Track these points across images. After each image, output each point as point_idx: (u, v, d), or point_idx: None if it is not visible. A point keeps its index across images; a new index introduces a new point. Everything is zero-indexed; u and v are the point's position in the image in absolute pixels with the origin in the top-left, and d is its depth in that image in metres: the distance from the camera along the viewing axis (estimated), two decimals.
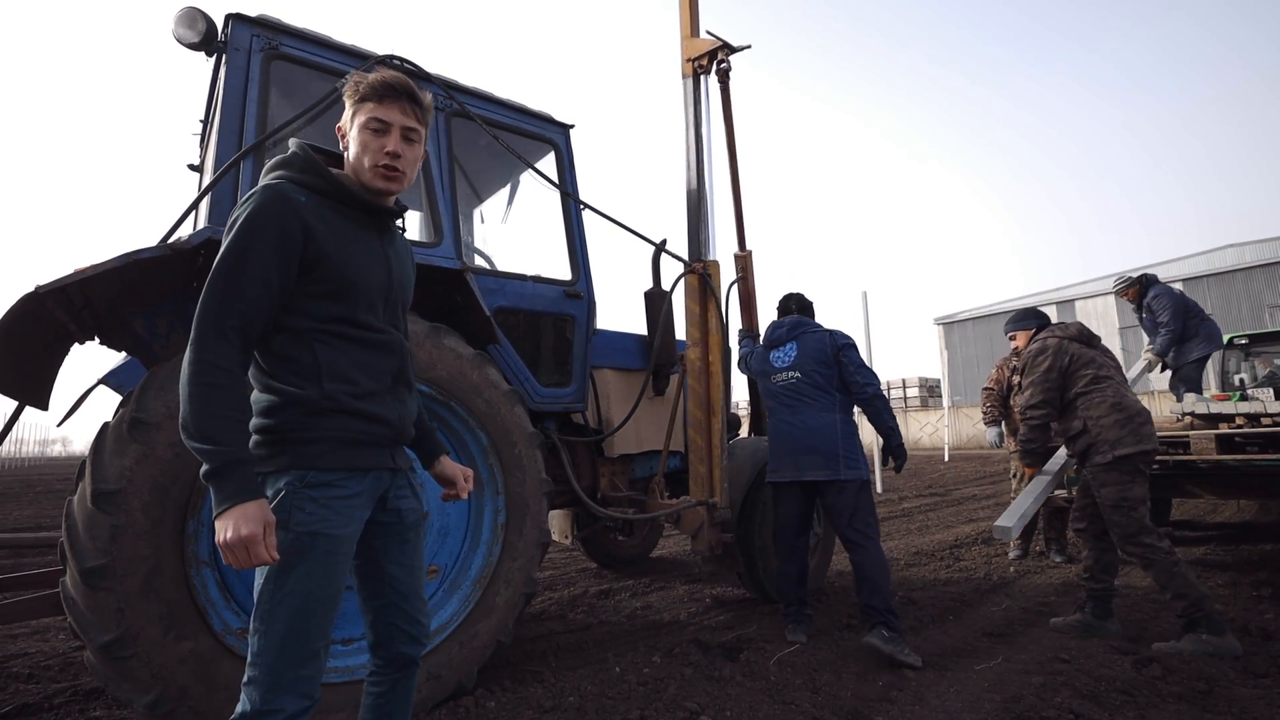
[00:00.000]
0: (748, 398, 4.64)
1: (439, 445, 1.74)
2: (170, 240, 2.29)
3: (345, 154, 1.49)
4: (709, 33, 3.68)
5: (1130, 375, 5.81)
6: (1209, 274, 23.78)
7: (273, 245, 1.31)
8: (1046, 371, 3.35)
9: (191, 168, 3.66)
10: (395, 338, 1.51)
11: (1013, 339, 3.93)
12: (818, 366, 3.35)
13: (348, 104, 1.46)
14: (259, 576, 1.32)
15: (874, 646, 2.92)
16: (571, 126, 3.66)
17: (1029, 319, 3.85)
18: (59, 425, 2.69)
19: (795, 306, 3.68)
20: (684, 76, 3.75)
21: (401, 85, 1.44)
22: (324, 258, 1.36)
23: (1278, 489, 4.17)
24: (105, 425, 2.06)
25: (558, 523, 4.46)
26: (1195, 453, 4.14)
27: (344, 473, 1.38)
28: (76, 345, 2.61)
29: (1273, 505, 6.94)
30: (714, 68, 3.71)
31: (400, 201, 1.55)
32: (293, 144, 1.46)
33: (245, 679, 1.29)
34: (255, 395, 1.38)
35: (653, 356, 3.87)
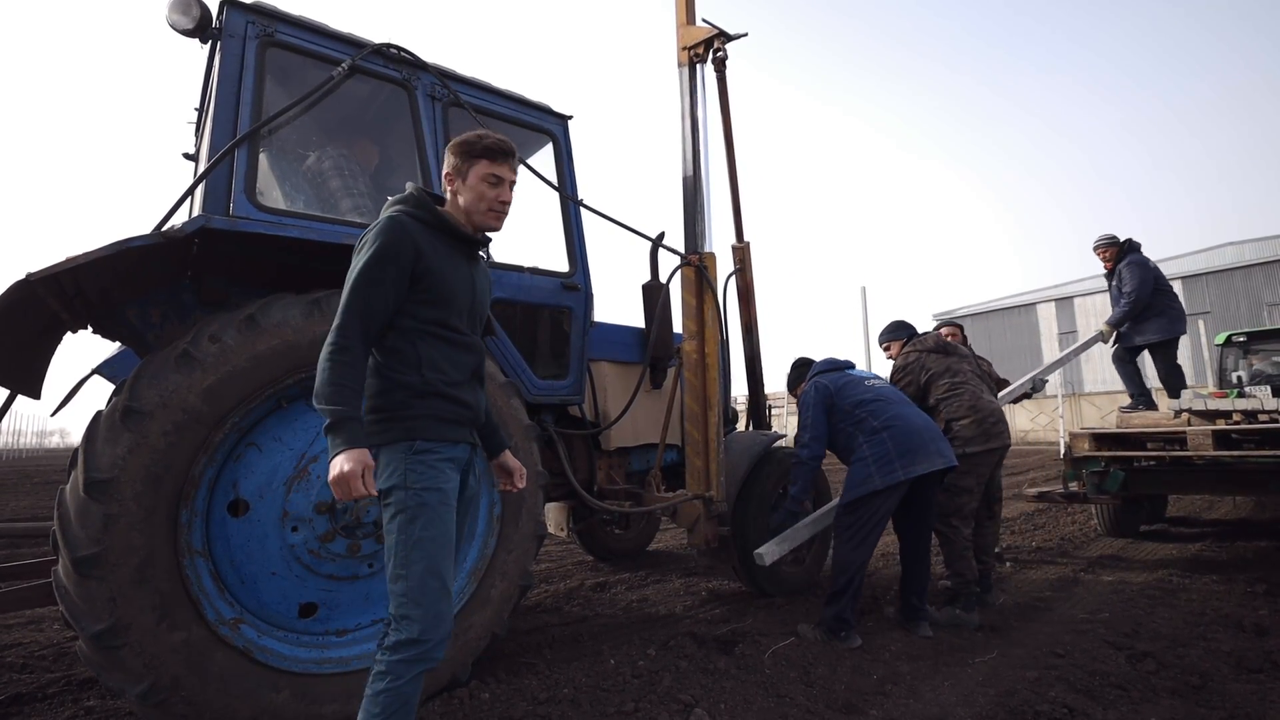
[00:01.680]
0: (746, 392, 4.63)
1: (503, 440, 2.11)
2: (164, 229, 2.27)
3: (453, 197, 1.85)
4: (705, 21, 3.64)
5: (1073, 348, 5.63)
6: (1208, 272, 23.77)
7: (395, 263, 1.68)
8: (905, 387, 3.80)
9: (187, 156, 3.64)
10: (476, 341, 1.88)
11: (887, 349, 4.18)
12: (889, 382, 3.67)
13: (458, 158, 1.82)
14: (389, 536, 1.65)
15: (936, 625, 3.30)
16: (570, 118, 3.64)
17: (900, 331, 4.14)
18: (53, 415, 2.69)
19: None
20: (680, 65, 3.72)
21: (508, 147, 1.84)
22: (429, 273, 1.73)
23: (1273, 486, 4.18)
24: (98, 414, 2.04)
25: (554, 515, 4.46)
26: (1192, 449, 4.14)
27: (439, 442, 1.72)
28: (69, 334, 2.60)
29: (1268, 502, 6.97)
30: (710, 56, 3.68)
31: (485, 235, 1.90)
32: (410, 186, 1.85)
33: (395, 617, 1.61)
34: (370, 381, 1.72)
35: (649, 349, 3.85)
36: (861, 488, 3.17)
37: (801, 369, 3.87)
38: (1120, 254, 5.50)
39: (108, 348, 2.97)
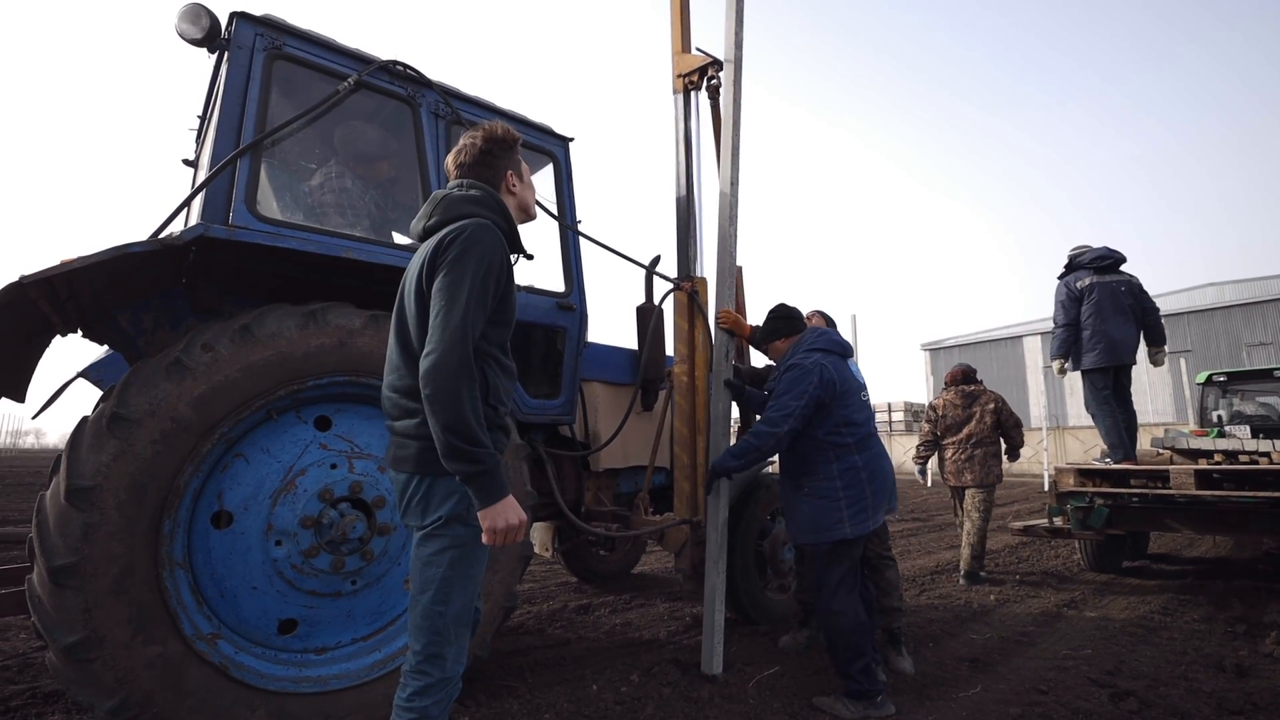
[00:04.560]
0: (738, 413, 4.63)
1: None
2: (162, 236, 2.27)
3: (511, 198, 1.82)
4: (699, 50, 3.70)
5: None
6: (1189, 311, 24.23)
7: (497, 279, 1.60)
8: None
9: (186, 163, 3.64)
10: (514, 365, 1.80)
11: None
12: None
13: (513, 152, 1.82)
14: (433, 568, 1.55)
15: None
16: (571, 139, 3.68)
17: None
18: (34, 418, 2.65)
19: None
20: (674, 92, 3.78)
21: None
22: (509, 293, 1.67)
23: (1253, 525, 4.23)
24: (84, 419, 2.02)
25: (539, 535, 4.42)
26: (1174, 487, 4.19)
27: None
28: (59, 337, 2.57)
29: (1248, 541, 7.04)
30: (704, 84, 3.73)
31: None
32: (463, 184, 1.74)
33: (424, 656, 1.52)
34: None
35: (640, 371, 3.86)
36: (831, 532, 2.70)
37: (788, 323, 3.08)
38: (1065, 271, 5.11)
39: (93, 350, 2.94)
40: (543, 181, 3.61)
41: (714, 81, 3.77)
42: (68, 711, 2.56)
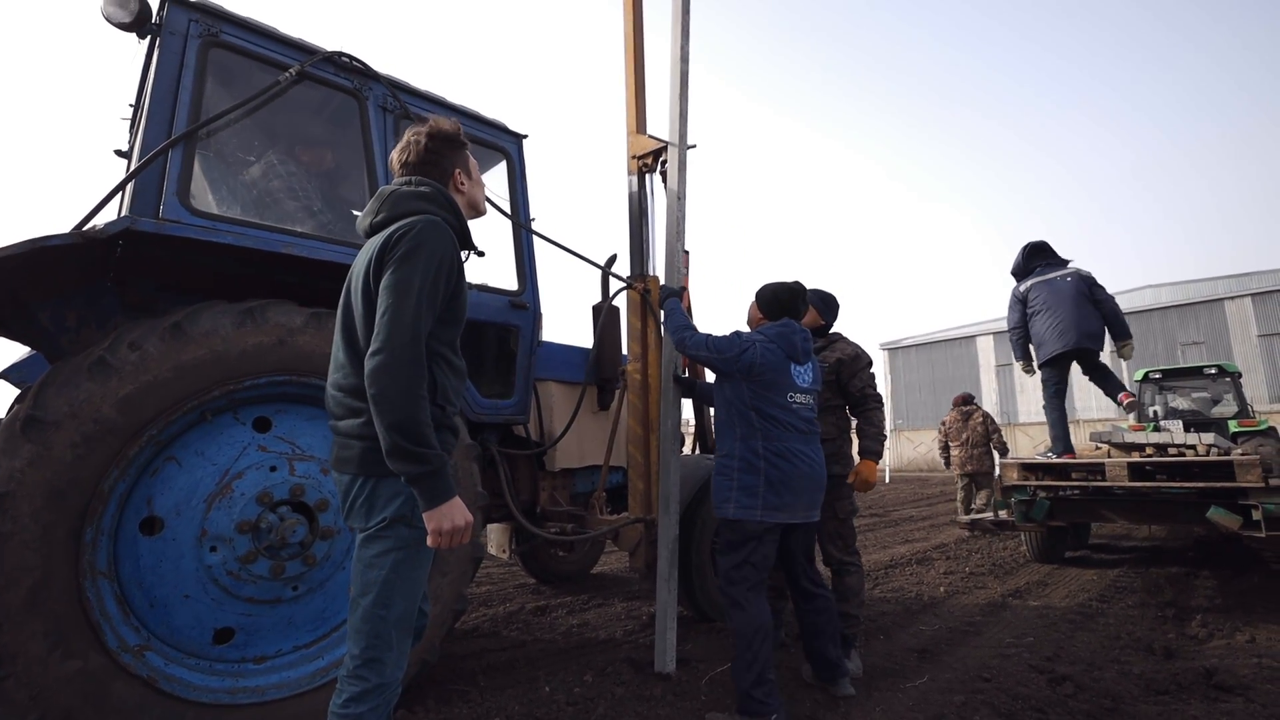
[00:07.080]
0: (692, 413, 4.66)
1: None
2: (85, 229, 2.15)
3: (463, 194, 1.81)
4: (653, 136, 3.67)
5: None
6: (1128, 312, 25.28)
7: (448, 277, 1.58)
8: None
9: (119, 153, 3.47)
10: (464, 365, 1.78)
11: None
12: (820, 390, 3.02)
13: (462, 148, 1.80)
14: (375, 570, 1.50)
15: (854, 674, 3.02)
16: (525, 136, 3.64)
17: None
18: None
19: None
20: (629, 173, 3.73)
21: None
22: (460, 290, 1.64)
23: (1183, 515, 4.44)
24: None
25: (496, 537, 4.37)
26: (1110, 479, 4.37)
27: None
28: None
29: (1181, 530, 7.40)
30: (659, 167, 3.68)
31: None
32: (428, 184, 1.71)
33: (362, 660, 1.48)
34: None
35: (589, 368, 3.84)
36: (721, 508, 2.76)
37: (774, 306, 2.96)
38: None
39: (18, 351, 2.79)
40: (496, 179, 3.56)
41: (668, 166, 3.69)
42: None
